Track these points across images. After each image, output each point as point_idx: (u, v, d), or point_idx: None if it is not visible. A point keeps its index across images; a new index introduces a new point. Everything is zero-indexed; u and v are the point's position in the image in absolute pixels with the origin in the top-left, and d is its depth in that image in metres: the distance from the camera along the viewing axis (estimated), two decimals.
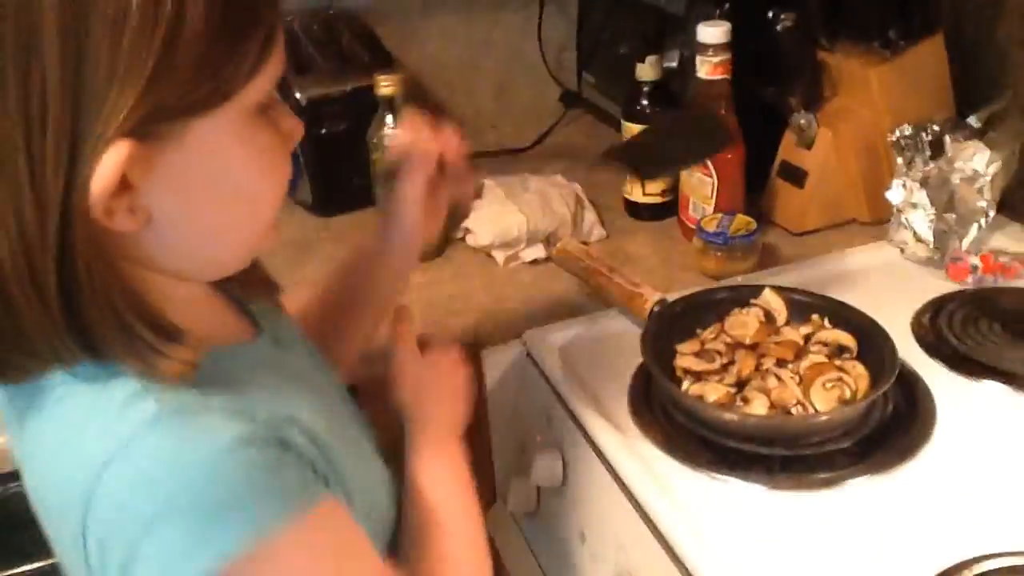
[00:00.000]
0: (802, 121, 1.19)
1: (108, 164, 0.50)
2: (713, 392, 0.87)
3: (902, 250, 1.13)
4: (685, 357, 0.92)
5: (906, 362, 0.92)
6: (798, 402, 0.86)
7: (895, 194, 1.11)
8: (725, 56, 1.13)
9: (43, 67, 0.49)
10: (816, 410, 0.85)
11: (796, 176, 1.22)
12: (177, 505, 0.51)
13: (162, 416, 0.53)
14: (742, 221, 1.13)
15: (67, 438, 0.55)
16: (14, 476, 0.92)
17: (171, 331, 0.56)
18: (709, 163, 1.17)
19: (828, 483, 0.80)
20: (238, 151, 0.57)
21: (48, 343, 0.54)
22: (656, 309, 0.98)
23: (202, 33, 0.51)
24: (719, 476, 0.81)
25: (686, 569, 0.73)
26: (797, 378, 0.88)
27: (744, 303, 0.98)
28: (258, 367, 0.64)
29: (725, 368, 0.91)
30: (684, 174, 1.22)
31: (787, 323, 0.96)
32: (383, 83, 1.19)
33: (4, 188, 0.51)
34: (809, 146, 1.20)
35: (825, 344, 0.92)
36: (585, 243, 1.21)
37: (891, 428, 0.85)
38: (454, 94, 1.67)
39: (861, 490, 0.79)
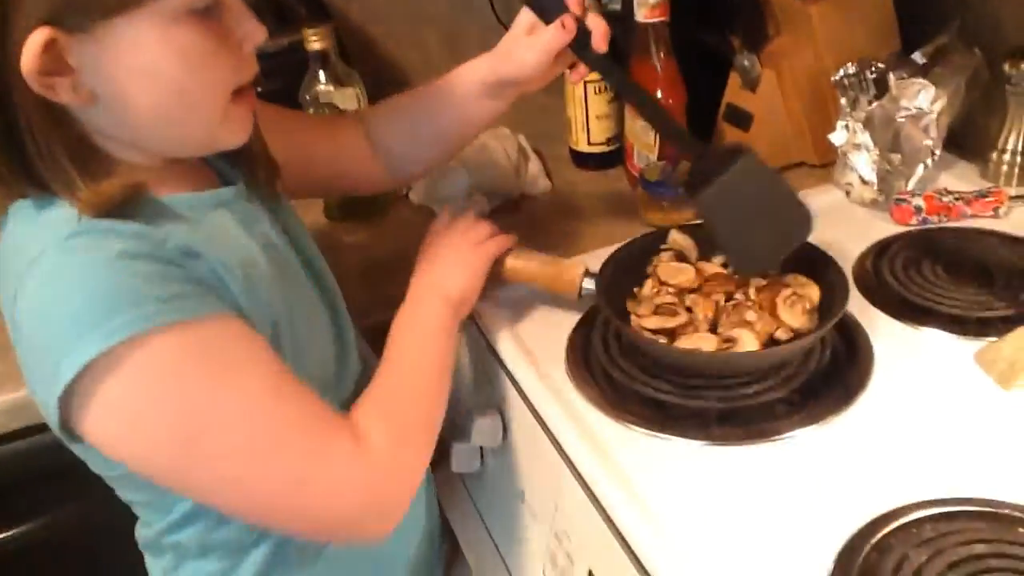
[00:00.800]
0: (745, 63, 1.17)
1: (31, 45, 0.59)
2: (706, 343, 0.84)
3: (847, 193, 1.11)
4: (649, 319, 0.87)
5: (847, 309, 0.91)
6: (780, 326, 0.84)
7: (838, 136, 1.08)
8: None
9: None
10: (794, 329, 0.84)
11: (742, 119, 1.20)
12: (55, 310, 0.61)
13: (71, 235, 0.62)
14: (687, 168, 1.10)
15: (14, 249, 0.65)
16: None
17: (96, 171, 0.64)
18: None
19: (764, 434, 0.79)
20: (162, 50, 0.63)
21: (4, 177, 0.65)
22: (588, 284, 0.92)
23: None
24: (655, 433, 0.80)
25: (617, 530, 0.72)
26: (757, 306, 0.87)
27: (655, 251, 0.95)
28: (207, 212, 0.71)
29: (690, 318, 0.88)
30: (627, 120, 1.19)
31: (702, 259, 0.94)
32: (312, 37, 1.14)
33: None
34: (753, 88, 1.18)
35: None
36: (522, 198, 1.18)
37: (828, 376, 0.84)
38: (401, 46, 1.62)
39: (798, 440, 0.78)
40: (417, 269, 0.87)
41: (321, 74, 1.16)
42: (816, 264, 0.89)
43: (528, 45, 0.89)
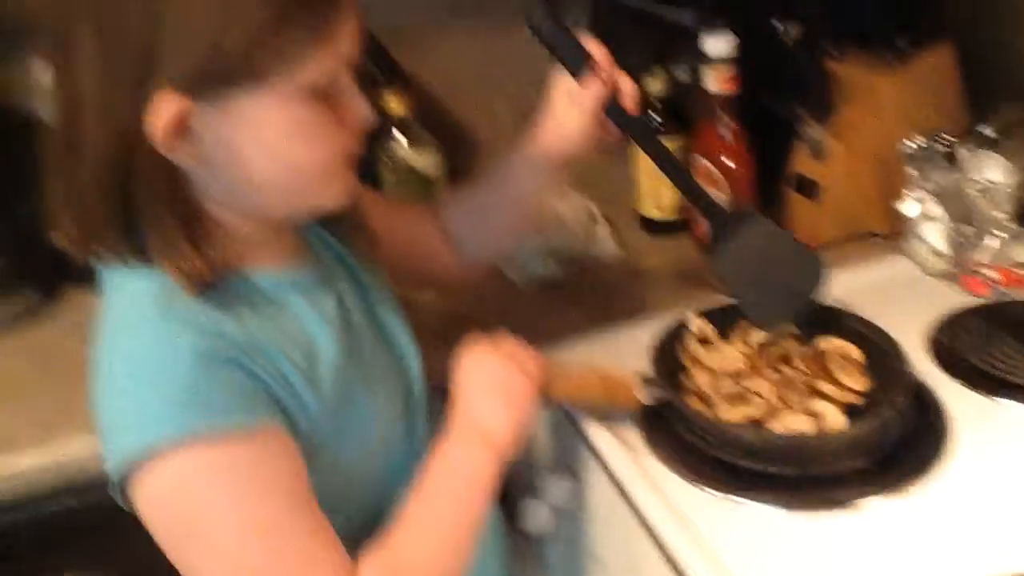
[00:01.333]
0: (812, 133, 1.18)
1: (162, 110, 0.63)
2: (799, 423, 0.84)
3: (918, 263, 1.11)
4: (730, 411, 0.87)
5: (921, 379, 0.91)
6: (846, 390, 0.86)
7: (910, 207, 1.09)
8: (732, 68, 1.12)
9: (124, 28, 0.62)
10: (859, 391, 0.86)
11: (809, 189, 1.21)
12: (122, 386, 0.66)
13: (149, 316, 0.67)
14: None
15: (108, 307, 0.70)
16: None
17: (200, 240, 0.68)
18: (719, 176, 1.16)
19: (842, 504, 0.79)
20: (281, 124, 0.67)
21: (111, 238, 0.68)
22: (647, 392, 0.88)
23: (253, 22, 0.62)
24: (732, 497, 0.81)
25: None
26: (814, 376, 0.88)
27: (682, 339, 0.95)
28: (286, 294, 0.74)
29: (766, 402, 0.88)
30: None
31: (723, 340, 0.96)
32: (393, 101, 1.19)
33: (90, 118, 0.65)
34: (821, 158, 1.19)
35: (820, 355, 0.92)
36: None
37: (906, 447, 0.84)
38: (471, 109, 1.66)
39: (876, 511, 0.79)
40: (458, 400, 0.80)
41: (401, 138, 1.20)
42: (861, 331, 0.92)
43: (570, 114, 0.89)
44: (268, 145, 0.67)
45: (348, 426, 0.74)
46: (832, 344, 0.92)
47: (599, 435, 0.89)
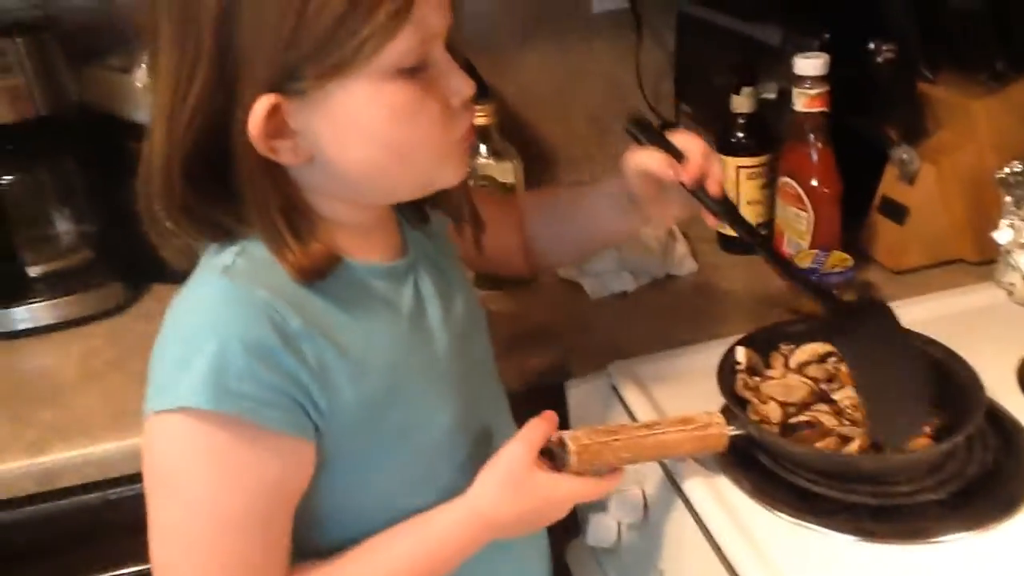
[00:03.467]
0: (903, 156, 1.16)
1: (257, 111, 0.64)
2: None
3: (1010, 292, 1.08)
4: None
5: (1010, 412, 0.88)
6: None
7: (1002, 234, 1.06)
8: (822, 88, 1.10)
9: (199, 31, 0.63)
10: None
11: (897, 212, 1.18)
12: (169, 349, 0.68)
13: (213, 285, 0.69)
14: (837, 258, 1.10)
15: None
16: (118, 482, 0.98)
17: (304, 233, 0.69)
18: (805, 197, 1.14)
19: (918, 534, 0.77)
20: (374, 109, 0.66)
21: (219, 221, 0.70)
22: (734, 431, 0.84)
23: (328, 11, 0.61)
24: (803, 523, 0.79)
25: None
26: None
27: (734, 370, 0.92)
28: (364, 282, 0.74)
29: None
30: (779, 206, 1.20)
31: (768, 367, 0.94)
32: (478, 113, 1.20)
33: (180, 115, 0.66)
34: (911, 181, 1.17)
35: None
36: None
37: (990, 481, 0.81)
38: (551, 125, 1.68)
39: (955, 545, 0.76)
40: (485, 492, 0.77)
41: (482, 148, 1.21)
42: (936, 355, 0.89)
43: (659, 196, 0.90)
44: (366, 131, 0.67)
45: (394, 435, 0.74)
46: None
47: None
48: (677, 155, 0.87)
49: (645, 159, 0.87)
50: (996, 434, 0.86)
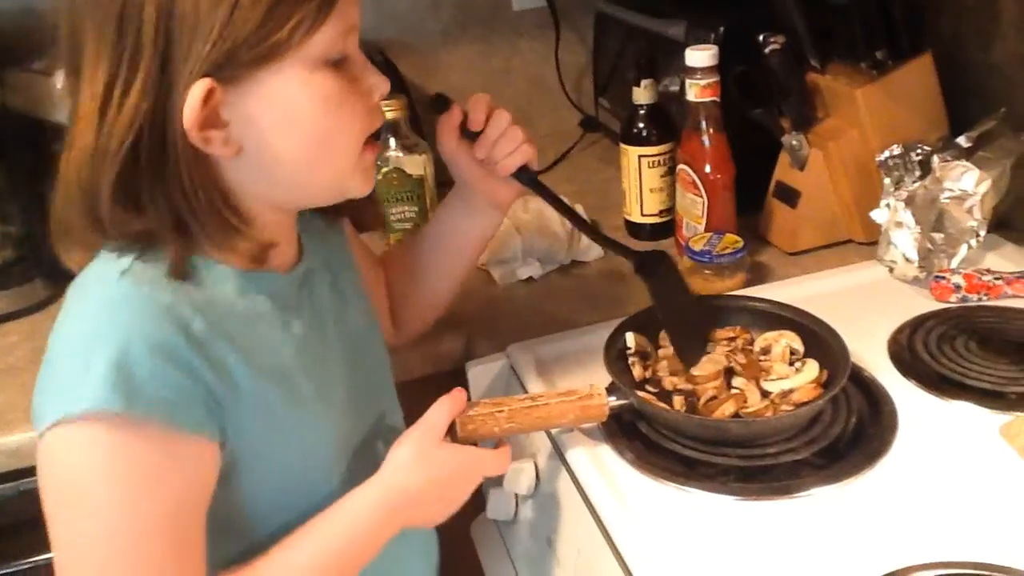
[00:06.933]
0: (793, 142, 1.21)
1: (193, 97, 0.65)
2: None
3: (891, 269, 1.13)
4: (721, 408, 0.89)
5: (876, 377, 0.93)
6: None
7: (880, 214, 1.12)
8: (713, 79, 1.15)
9: (140, 23, 0.64)
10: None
11: (790, 196, 1.24)
12: (66, 351, 0.66)
13: (111, 285, 0.67)
14: (729, 240, 1.15)
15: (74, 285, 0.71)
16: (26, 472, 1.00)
17: (235, 228, 0.70)
18: (699, 183, 1.19)
19: (786, 491, 0.81)
20: (305, 96, 0.68)
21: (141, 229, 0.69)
22: (614, 401, 0.89)
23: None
24: (682, 487, 0.83)
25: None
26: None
27: (624, 352, 0.99)
28: (264, 292, 0.74)
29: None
30: (678, 194, 1.25)
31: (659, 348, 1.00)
32: (386, 107, 1.24)
33: (115, 112, 0.65)
34: (802, 167, 1.22)
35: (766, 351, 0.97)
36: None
37: (853, 441, 0.86)
38: None
39: (819, 498, 0.81)
40: (395, 473, 0.78)
41: (392, 141, 1.25)
42: (817, 333, 0.95)
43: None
44: (295, 120, 0.69)
45: (291, 435, 0.75)
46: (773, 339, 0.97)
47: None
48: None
49: (438, 127, 0.92)
50: (863, 397, 0.91)
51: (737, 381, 0.93)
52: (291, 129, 0.69)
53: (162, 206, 0.68)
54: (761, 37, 1.18)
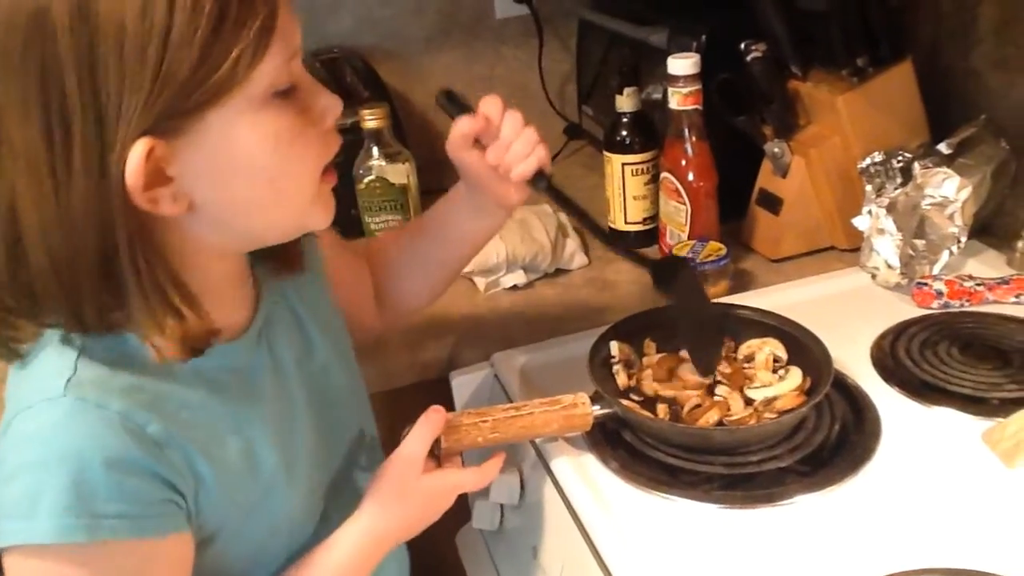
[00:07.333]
0: (775, 150, 1.21)
1: (134, 160, 0.59)
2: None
3: (873, 276, 1.13)
4: (705, 416, 0.89)
5: (859, 384, 0.94)
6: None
7: (862, 221, 1.12)
8: (695, 87, 1.16)
9: (63, 89, 0.57)
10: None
11: (772, 204, 1.24)
12: (22, 477, 0.61)
13: (56, 400, 0.62)
14: (713, 247, 1.15)
15: (24, 378, 0.66)
16: None
17: (181, 306, 0.64)
18: (682, 191, 1.19)
19: (769, 499, 0.82)
20: (255, 136, 0.63)
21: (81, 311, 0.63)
22: (599, 410, 0.88)
23: (192, 37, 0.58)
24: (665, 495, 0.83)
25: None
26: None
27: (609, 361, 0.98)
28: (224, 372, 0.71)
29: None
30: (662, 201, 1.25)
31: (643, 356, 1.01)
32: (368, 116, 1.24)
33: (36, 191, 0.60)
34: (784, 174, 1.22)
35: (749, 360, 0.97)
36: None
37: (836, 448, 0.86)
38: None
39: (802, 506, 0.81)
40: (378, 500, 0.78)
41: (374, 150, 1.25)
42: (800, 341, 0.95)
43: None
44: (247, 164, 0.64)
45: (264, 503, 0.73)
46: (757, 346, 0.97)
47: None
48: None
49: (453, 129, 0.86)
50: (846, 404, 0.91)
51: (720, 389, 0.93)
52: (244, 174, 0.64)
53: (114, 287, 0.62)
54: (743, 45, 1.19)
